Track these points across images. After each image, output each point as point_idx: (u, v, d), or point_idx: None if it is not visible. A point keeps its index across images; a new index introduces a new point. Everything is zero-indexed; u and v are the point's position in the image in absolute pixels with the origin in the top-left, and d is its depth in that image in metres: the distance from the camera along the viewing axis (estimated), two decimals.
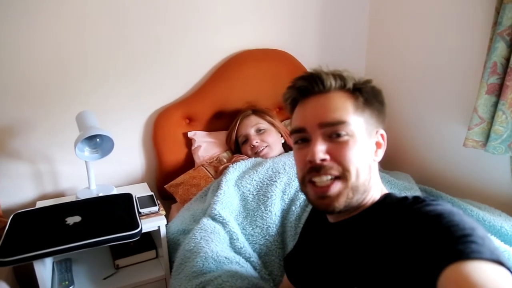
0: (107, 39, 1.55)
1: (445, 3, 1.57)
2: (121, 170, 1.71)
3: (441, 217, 0.57)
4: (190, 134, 1.72)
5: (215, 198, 1.27)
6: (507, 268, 0.50)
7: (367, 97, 0.71)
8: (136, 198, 1.40)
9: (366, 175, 0.69)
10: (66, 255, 1.39)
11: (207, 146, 1.69)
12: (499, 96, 1.30)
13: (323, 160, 0.67)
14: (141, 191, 1.54)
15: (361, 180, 0.68)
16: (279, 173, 1.33)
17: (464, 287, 0.47)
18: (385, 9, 1.89)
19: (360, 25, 2.00)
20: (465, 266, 0.49)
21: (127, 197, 1.38)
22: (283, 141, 1.66)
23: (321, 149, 0.67)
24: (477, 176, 1.55)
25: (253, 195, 1.29)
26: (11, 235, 1.15)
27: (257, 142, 1.56)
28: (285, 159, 1.41)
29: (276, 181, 1.30)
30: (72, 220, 1.22)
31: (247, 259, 1.10)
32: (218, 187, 1.33)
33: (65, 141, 1.53)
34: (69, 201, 1.38)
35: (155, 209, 1.35)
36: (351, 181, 0.67)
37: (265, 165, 1.38)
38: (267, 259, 1.15)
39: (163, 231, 1.33)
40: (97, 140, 1.41)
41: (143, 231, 1.24)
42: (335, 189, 0.67)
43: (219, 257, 1.03)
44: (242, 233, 1.20)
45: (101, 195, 1.43)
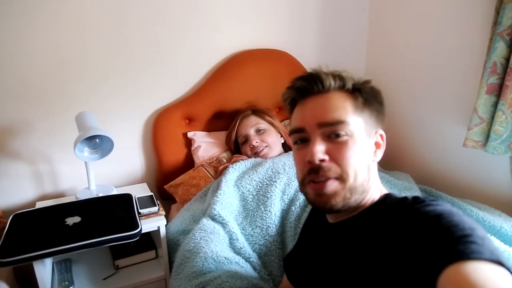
0: (107, 39, 1.55)
1: (445, 3, 1.57)
2: (120, 170, 1.71)
3: (441, 217, 0.57)
4: (189, 134, 1.72)
5: (215, 198, 1.27)
6: (507, 268, 0.50)
7: (366, 97, 0.71)
8: (135, 198, 1.40)
9: (364, 176, 0.69)
10: (66, 256, 1.39)
11: (206, 146, 1.69)
12: (499, 96, 1.29)
13: (322, 160, 0.67)
14: (140, 191, 1.54)
15: (359, 181, 0.68)
16: (279, 173, 1.33)
17: (464, 287, 0.47)
18: (385, 9, 1.89)
19: (360, 25, 2.00)
20: (465, 266, 0.49)
21: (127, 198, 1.38)
22: (282, 141, 1.66)
23: (320, 149, 0.67)
24: (477, 176, 1.55)
25: (252, 195, 1.29)
26: (11, 236, 1.15)
27: (256, 142, 1.56)
28: (284, 159, 1.41)
29: (275, 182, 1.29)
30: (72, 220, 1.22)
31: (247, 259, 1.10)
32: (217, 188, 1.33)
33: (65, 141, 1.53)
34: (69, 201, 1.38)
35: (155, 209, 1.35)
36: (349, 183, 0.67)
37: (264, 166, 1.37)
38: (266, 259, 1.15)
39: (162, 232, 1.33)
40: (97, 140, 1.41)
41: (143, 232, 1.24)
42: (331, 186, 0.67)
43: (218, 257, 1.03)
44: (241, 233, 1.20)
45: (100, 195, 1.43)
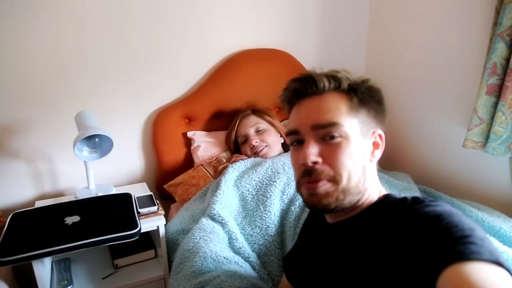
0: (107, 39, 1.55)
1: (445, 3, 1.57)
2: (120, 170, 1.71)
3: (441, 218, 0.57)
4: (189, 134, 1.72)
5: (214, 198, 1.27)
6: (506, 269, 0.50)
7: (362, 97, 0.70)
8: (135, 198, 1.40)
9: (359, 177, 0.68)
10: (65, 255, 1.39)
11: (206, 146, 1.69)
12: (498, 96, 1.29)
13: (316, 163, 0.67)
14: (140, 191, 1.54)
15: (353, 182, 0.68)
16: (279, 173, 1.33)
17: None
18: (385, 9, 1.89)
19: (360, 25, 2.00)
20: (464, 267, 0.49)
21: (126, 197, 1.38)
22: (282, 141, 1.65)
23: (313, 152, 0.67)
24: (476, 177, 1.55)
25: (252, 195, 1.29)
26: (10, 235, 1.15)
27: (256, 142, 1.56)
28: (284, 159, 1.41)
29: (275, 181, 1.29)
30: (71, 219, 1.22)
31: (246, 259, 1.10)
32: (217, 187, 1.33)
33: (65, 140, 1.53)
34: (68, 200, 1.38)
35: (154, 209, 1.35)
36: (341, 184, 0.67)
37: (264, 165, 1.37)
38: (266, 259, 1.15)
39: (162, 231, 1.33)
40: (96, 140, 1.41)
41: (142, 231, 1.24)
42: (323, 187, 0.67)
43: (218, 257, 1.03)
44: (241, 233, 1.20)
45: (100, 195, 1.43)
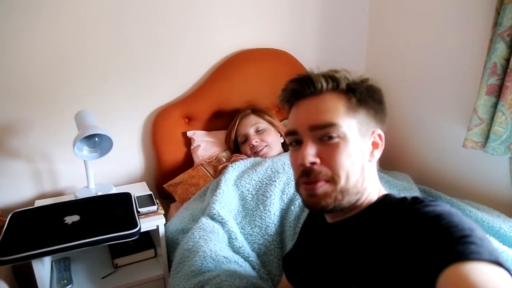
0: (107, 39, 1.55)
1: (445, 3, 1.57)
2: (120, 169, 1.71)
3: (440, 218, 0.57)
4: (189, 133, 1.72)
5: (214, 197, 1.27)
6: (506, 269, 0.50)
7: (361, 97, 0.70)
8: (135, 197, 1.40)
9: (357, 177, 0.68)
10: (64, 254, 1.39)
11: (206, 145, 1.69)
12: (498, 97, 1.29)
13: (313, 163, 0.67)
14: (140, 190, 1.54)
15: (351, 182, 0.68)
16: (278, 172, 1.33)
17: None
18: (385, 9, 1.89)
19: (360, 25, 2.00)
20: (464, 267, 0.49)
21: (126, 196, 1.38)
22: (282, 141, 1.65)
23: (311, 153, 0.67)
24: (476, 177, 1.55)
25: (252, 194, 1.29)
26: (10, 234, 1.15)
27: (256, 141, 1.56)
28: (284, 158, 1.41)
29: (275, 181, 1.29)
30: (70, 219, 1.22)
31: (246, 259, 1.10)
32: (217, 187, 1.32)
33: (64, 140, 1.53)
34: (68, 200, 1.38)
35: (154, 208, 1.35)
36: (340, 185, 0.67)
37: (264, 165, 1.37)
38: (265, 259, 1.15)
39: (162, 230, 1.33)
40: (96, 139, 1.41)
41: (142, 230, 1.24)
42: (321, 188, 0.67)
43: (217, 257, 1.03)
44: (241, 232, 1.20)
45: (99, 194, 1.43)
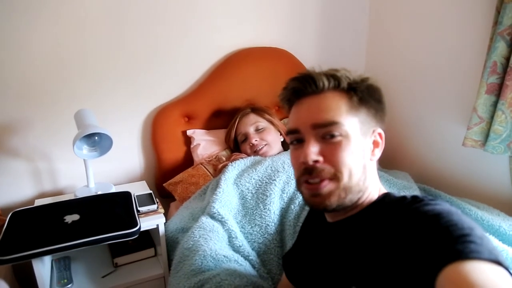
0: (107, 39, 1.54)
1: (445, 3, 1.57)
2: (120, 168, 1.71)
3: (440, 217, 0.57)
4: (189, 132, 1.72)
5: (214, 196, 1.27)
6: (505, 267, 0.50)
7: (362, 96, 0.70)
8: (134, 196, 1.39)
9: (360, 175, 0.69)
10: (64, 253, 1.39)
11: (206, 144, 1.69)
12: (498, 95, 1.29)
13: (316, 161, 0.67)
14: (139, 189, 1.54)
15: (354, 180, 0.68)
16: (278, 171, 1.33)
17: (462, 287, 0.47)
18: (385, 8, 1.89)
19: (360, 24, 1.99)
20: (463, 266, 0.49)
21: (126, 195, 1.38)
22: (282, 140, 1.65)
23: (313, 151, 0.67)
24: (476, 175, 1.55)
25: (252, 193, 1.29)
26: (10, 233, 1.15)
27: (256, 140, 1.56)
28: (284, 157, 1.41)
29: (275, 180, 1.29)
30: (70, 218, 1.22)
31: (246, 258, 1.10)
32: (217, 186, 1.32)
33: (64, 139, 1.53)
34: (68, 199, 1.38)
35: (154, 207, 1.35)
36: (343, 182, 0.67)
37: (264, 164, 1.37)
38: (265, 258, 1.15)
39: (162, 229, 1.33)
40: (96, 138, 1.41)
41: (141, 230, 1.24)
42: (326, 188, 0.67)
43: (217, 256, 1.03)
44: (241, 231, 1.20)
45: (99, 193, 1.43)
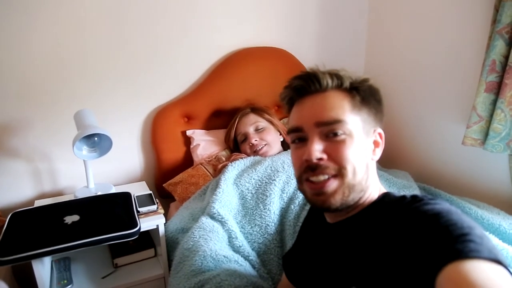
0: (107, 39, 1.54)
1: (444, 2, 1.57)
2: (119, 168, 1.71)
3: (439, 216, 0.57)
4: (188, 132, 1.71)
5: (214, 196, 1.27)
6: (505, 266, 0.50)
7: (364, 96, 0.71)
8: (134, 196, 1.39)
9: (363, 174, 0.69)
10: (64, 254, 1.39)
11: (205, 144, 1.69)
12: (498, 94, 1.29)
13: (320, 159, 0.67)
14: (139, 189, 1.54)
15: (357, 178, 0.68)
16: (278, 171, 1.33)
17: (462, 286, 0.47)
18: (385, 8, 1.89)
19: (359, 24, 1.99)
20: (463, 265, 0.49)
21: (126, 196, 1.38)
22: (282, 140, 1.65)
23: (318, 148, 0.67)
24: (475, 174, 1.55)
25: (252, 193, 1.29)
26: (10, 234, 1.15)
27: (256, 140, 1.56)
28: (284, 157, 1.41)
29: (275, 180, 1.29)
30: (70, 219, 1.22)
31: (246, 258, 1.10)
32: (217, 186, 1.32)
33: (64, 139, 1.53)
34: (68, 200, 1.38)
35: (154, 207, 1.35)
36: (347, 179, 0.67)
37: (264, 164, 1.37)
38: (265, 258, 1.15)
39: (161, 230, 1.33)
40: (95, 138, 1.41)
41: (141, 230, 1.24)
42: (331, 186, 0.67)
43: (217, 256, 1.03)
44: (241, 231, 1.20)
45: (99, 194, 1.43)
